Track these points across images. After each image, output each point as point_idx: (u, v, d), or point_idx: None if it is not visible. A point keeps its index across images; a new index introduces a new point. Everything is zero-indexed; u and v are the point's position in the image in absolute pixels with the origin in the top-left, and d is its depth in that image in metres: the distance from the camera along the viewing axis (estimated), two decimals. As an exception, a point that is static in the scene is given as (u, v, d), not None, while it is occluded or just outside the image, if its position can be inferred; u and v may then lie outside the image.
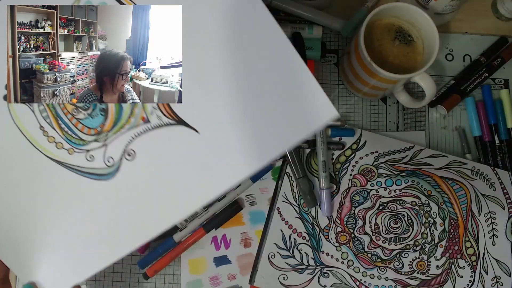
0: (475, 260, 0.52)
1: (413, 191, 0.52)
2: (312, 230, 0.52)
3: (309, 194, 0.51)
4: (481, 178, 0.52)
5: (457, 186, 0.52)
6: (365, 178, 0.52)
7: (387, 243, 0.52)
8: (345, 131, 0.52)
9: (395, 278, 0.51)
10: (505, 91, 0.54)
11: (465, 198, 0.52)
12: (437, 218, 0.52)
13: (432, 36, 0.46)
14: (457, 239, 0.52)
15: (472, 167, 0.52)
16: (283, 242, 0.51)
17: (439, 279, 0.51)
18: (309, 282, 0.51)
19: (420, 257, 0.51)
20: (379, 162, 0.53)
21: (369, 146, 0.53)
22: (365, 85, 0.50)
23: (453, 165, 0.53)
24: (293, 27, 0.53)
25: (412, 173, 0.52)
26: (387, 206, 0.52)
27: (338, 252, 0.51)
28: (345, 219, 0.52)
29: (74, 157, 0.42)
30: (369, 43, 0.48)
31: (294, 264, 0.51)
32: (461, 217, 0.52)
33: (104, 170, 0.41)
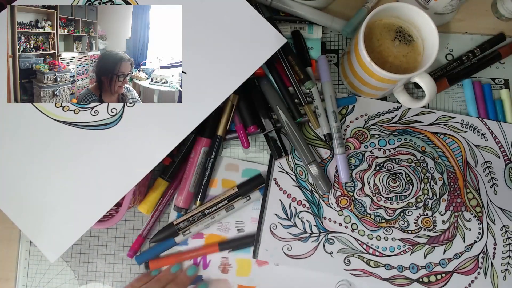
0: (480, 211, 0.51)
1: (407, 149, 0.52)
2: (312, 197, 0.50)
3: (322, 178, 0.50)
4: (472, 130, 0.53)
5: (450, 139, 0.52)
6: (358, 140, 0.52)
7: (388, 202, 0.51)
8: (347, 99, 0.53)
9: (402, 237, 0.50)
10: (505, 90, 0.54)
11: (459, 151, 0.52)
12: (435, 173, 0.51)
13: (432, 36, 0.46)
14: (458, 192, 0.51)
15: (461, 120, 0.53)
16: (284, 212, 0.50)
17: (447, 234, 0.50)
18: (314, 250, 0.49)
19: (424, 213, 0.50)
20: (370, 124, 0.53)
21: (358, 110, 0.53)
22: (365, 85, 0.49)
23: (442, 120, 0.53)
24: (293, 27, 0.53)
25: (403, 132, 0.53)
26: (383, 166, 0.52)
27: (340, 216, 0.50)
28: (344, 183, 0.51)
29: (80, 116, 0.43)
30: (369, 43, 0.47)
31: (297, 233, 0.49)
32: (458, 170, 0.52)
33: (108, 120, 0.43)
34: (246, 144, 0.50)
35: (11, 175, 0.42)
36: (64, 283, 0.50)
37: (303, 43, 0.53)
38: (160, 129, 0.43)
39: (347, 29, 0.54)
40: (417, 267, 0.49)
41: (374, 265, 0.49)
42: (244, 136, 0.50)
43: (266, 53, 0.45)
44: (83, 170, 0.42)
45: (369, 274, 0.48)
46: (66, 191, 0.42)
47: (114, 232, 0.51)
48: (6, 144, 0.42)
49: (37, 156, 0.42)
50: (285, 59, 0.50)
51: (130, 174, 0.42)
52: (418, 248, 0.49)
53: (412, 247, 0.49)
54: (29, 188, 0.42)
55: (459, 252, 0.49)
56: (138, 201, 0.48)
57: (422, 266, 0.49)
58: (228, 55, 0.44)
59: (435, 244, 0.49)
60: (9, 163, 0.42)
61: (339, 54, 0.56)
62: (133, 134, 0.42)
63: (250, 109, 0.50)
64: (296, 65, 0.50)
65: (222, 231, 0.50)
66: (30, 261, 0.51)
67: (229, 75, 0.44)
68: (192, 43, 0.44)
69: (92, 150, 0.42)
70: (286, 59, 0.50)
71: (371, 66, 0.44)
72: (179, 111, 0.43)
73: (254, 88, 0.51)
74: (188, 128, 0.43)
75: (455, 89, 0.55)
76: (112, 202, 0.42)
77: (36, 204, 0.42)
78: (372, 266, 0.49)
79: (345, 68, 0.52)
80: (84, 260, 0.51)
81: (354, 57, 0.48)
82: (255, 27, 0.45)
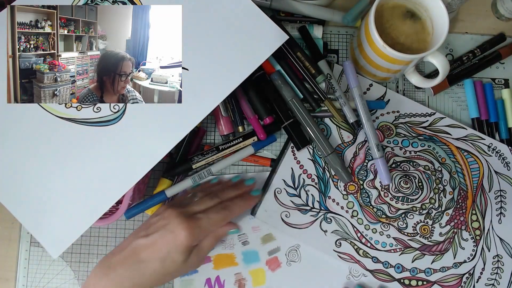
0: (479, 234, 0.51)
1: (428, 156, 0.52)
2: (323, 174, 0.51)
3: (342, 169, 0.50)
4: (497, 156, 0.52)
5: (472, 159, 0.52)
6: (382, 134, 0.53)
7: (394, 201, 0.51)
8: (376, 103, 0.52)
9: (397, 237, 0.51)
10: (506, 90, 0.54)
11: (477, 172, 0.52)
12: (447, 186, 0.52)
13: (441, 15, 0.46)
14: (464, 210, 0.51)
15: (489, 143, 0.53)
16: (292, 180, 0.51)
17: (440, 246, 0.51)
18: (310, 224, 0.50)
19: (425, 221, 0.51)
20: (399, 122, 0.53)
21: (392, 105, 0.53)
22: (378, 68, 0.49)
23: (471, 138, 0.53)
24: (293, 27, 0.53)
25: (429, 138, 0.53)
26: (400, 165, 0.52)
27: (344, 200, 0.51)
28: (357, 170, 0.52)
29: (82, 112, 0.43)
30: (379, 26, 0.47)
31: (299, 203, 0.51)
32: (471, 190, 0.52)
33: (110, 116, 0.43)
34: (263, 135, 0.49)
35: (13, 172, 0.42)
36: (64, 283, 0.50)
37: (311, 37, 0.53)
38: (163, 125, 0.42)
39: (348, 17, 0.53)
40: (402, 268, 0.50)
41: (363, 254, 0.50)
42: (260, 127, 0.49)
43: (267, 50, 0.44)
44: (85, 167, 0.42)
45: (356, 261, 0.50)
46: (68, 187, 0.42)
47: (114, 232, 0.51)
48: (9, 141, 0.42)
49: (39, 152, 0.42)
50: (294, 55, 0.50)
51: (133, 170, 0.42)
52: (409, 251, 0.50)
53: (403, 248, 0.50)
54: (31, 184, 0.42)
55: (446, 266, 0.50)
56: (137, 198, 0.49)
57: (408, 268, 0.50)
58: (229, 52, 0.44)
59: (426, 252, 0.50)
60: (12, 159, 0.42)
61: (339, 54, 0.55)
62: (135, 131, 0.42)
63: (262, 102, 0.50)
64: (306, 60, 0.50)
65: (228, 249, 0.51)
66: (30, 261, 0.50)
67: (231, 72, 0.43)
68: (193, 40, 0.44)
69: (94, 146, 0.42)
70: (295, 55, 0.50)
71: (384, 48, 0.45)
72: (181, 108, 0.43)
73: (266, 83, 0.50)
74: (190, 125, 0.42)
75: (455, 89, 0.55)
76: (114, 198, 0.41)
77: (39, 200, 0.42)
78: (361, 255, 0.50)
79: (355, 54, 0.52)
80: (84, 260, 0.51)
81: (365, 41, 0.48)
82: (257, 23, 0.44)
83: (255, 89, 0.50)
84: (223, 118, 0.50)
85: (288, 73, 0.51)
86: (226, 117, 0.50)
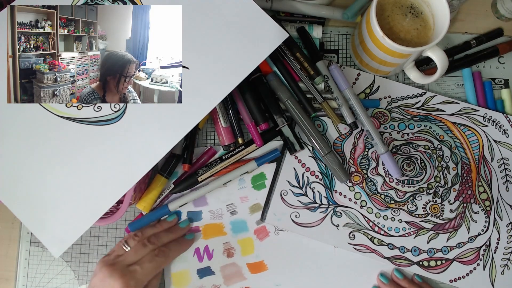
0: (489, 205, 0.51)
1: (426, 135, 0.52)
2: (326, 169, 0.51)
3: (340, 169, 0.50)
4: (493, 125, 0.53)
5: (469, 131, 0.53)
6: (378, 121, 0.53)
7: (400, 185, 0.51)
8: (371, 102, 0.53)
9: (409, 220, 0.50)
10: (506, 90, 0.54)
11: (477, 144, 0.52)
12: (450, 162, 0.52)
13: (443, 11, 0.46)
14: (470, 184, 0.51)
15: (484, 113, 0.53)
16: (296, 180, 0.51)
17: (453, 223, 0.51)
18: (321, 221, 0.50)
19: (433, 200, 0.51)
20: (392, 107, 0.53)
21: (382, 91, 0.53)
22: (378, 62, 0.50)
23: (465, 111, 0.53)
24: (293, 27, 0.53)
25: (424, 118, 0.53)
26: (400, 149, 0.52)
27: (351, 192, 0.51)
28: (358, 159, 0.52)
29: (82, 111, 0.43)
30: (380, 19, 0.48)
31: (307, 202, 0.50)
32: (473, 162, 0.52)
33: (111, 116, 0.43)
34: (260, 142, 0.49)
35: (14, 171, 0.42)
36: (64, 283, 0.50)
37: (310, 38, 0.53)
38: (163, 124, 0.42)
39: (348, 13, 0.53)
40: (419, 250, 0.50)
41: (378, 243, 0.50)
42: (257, 134, 0.49)
43: (267, 49, 0.44)
44: (86, 166, 0.42)
45: (372, 251, 0.49)
46: (69, 186, 0.42)
47: (114, 232, 0.51)
48: (10, 140, 0.42)
49: (40, 151, 0.42)
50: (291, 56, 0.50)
51: (134, 169, 0.42)
52: (423, 233, 0.50)
53: (417, 230, 0.50)
54: (32, 184, 0.42)
55: (462, 242, 0.50)
56: (137, 198, 0.49)
57: (424, 250, 0.50)
58: (229, 51, 0.44)
59: (439, 231, 0.50)
60: (13, 158, 0.42)
61: (339, 54, 0.55)
62: (136, 130, 0.42)
63: (260, 106, 0.50)
64: (305, 61, 0.50)
65: (216, 219, 0.51)
66: (30, 261, 0.50)
67: (231, 71, 0.43)
68: (193, 39, 0.44)
69: (95, 145, 0.42)
70: (294, 56, 0.50)
71: (383, 39, 0.45)
72: (182, 106, 0.43)
73: (262, 84, 0.50)
74: (191, 123, 0.42)
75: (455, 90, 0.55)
76: (116, 197, 0.41)
77: (40, 199, 0.42)
78: (376, 243, 0.50)
79: (356, 47, 0.52)
80: (84, 260, 0.51)
81: (366, 34, 0.48)
82: (257, 22, 0.44)
83: (252, 92, 0.50)
84: (223, 129, 0.50)
85: (284, 75, 0.51)
86: (226, 127, 0.50)
